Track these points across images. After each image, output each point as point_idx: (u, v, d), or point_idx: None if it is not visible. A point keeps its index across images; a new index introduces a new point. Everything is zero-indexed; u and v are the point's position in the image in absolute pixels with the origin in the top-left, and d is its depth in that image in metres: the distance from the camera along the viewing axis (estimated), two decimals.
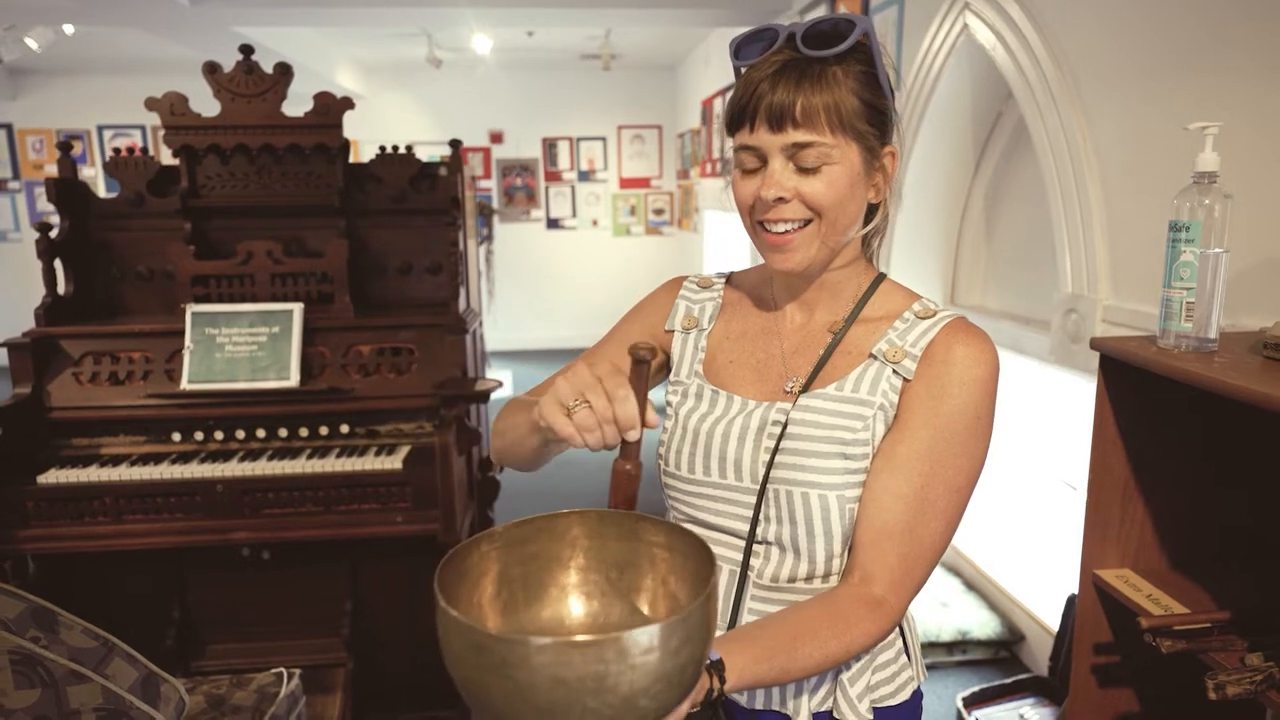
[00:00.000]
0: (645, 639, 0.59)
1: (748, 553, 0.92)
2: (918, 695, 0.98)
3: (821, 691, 0.93)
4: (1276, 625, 1.20)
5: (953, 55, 2.77)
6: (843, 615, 0.83)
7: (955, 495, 0.87)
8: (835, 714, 0.92)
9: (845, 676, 0.92)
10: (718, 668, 0.75)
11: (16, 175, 7.72)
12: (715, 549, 0.94)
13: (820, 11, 3.88)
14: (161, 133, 2.33)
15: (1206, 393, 1.14)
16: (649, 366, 0.77)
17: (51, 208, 8.13)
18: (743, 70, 0.90)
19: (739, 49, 0.90)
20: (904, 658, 0.96)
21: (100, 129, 7.69)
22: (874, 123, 0.88)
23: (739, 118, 0.89)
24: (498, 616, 0.75)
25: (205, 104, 2.35)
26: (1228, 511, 1.43)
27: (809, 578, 0.91)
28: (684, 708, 0.70)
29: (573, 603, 0.79)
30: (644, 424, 0.76)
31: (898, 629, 0.97)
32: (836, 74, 0.85)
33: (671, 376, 1.04)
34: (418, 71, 7.40)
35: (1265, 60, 1.61)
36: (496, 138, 8.04)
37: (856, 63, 0.87)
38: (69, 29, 5.04)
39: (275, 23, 4.51)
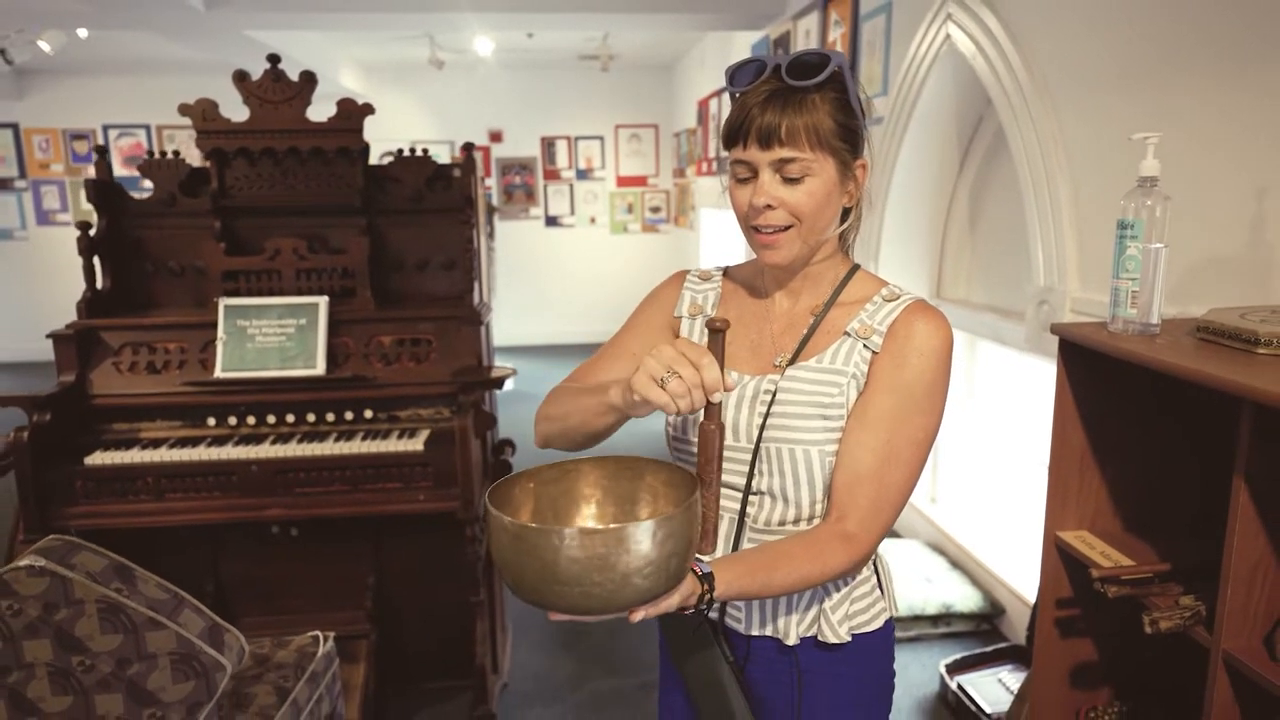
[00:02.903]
0: (639, 531, 0.82)
1: (744, 502, 1.09)
2: (889, 624, 1.16)
3: (808, 618, 1.10)
4: (1209, 574, 1.36)
5: (937, 63, 2.94)
6: (818, 545, 1.00)
7: (916, 448, 1.04)
8: (820, 637, 1.09)
9: (828, 605, 1.09)
10: (708, 578, 0.92)
11: (23, 174, 7.85)
12: None
13: (813, 17, 4.04)
14: (166, 132, 2.47)
15: (1154, 372, 1.30)
16: (724, 337, 0.93)
17: (58, 205, 8.23)
18: (736, 95, 1.06)
19: (733, 77, 1.06)
20: (877, 592, 1.14)
21: (105, 128, 7.82)
22: (847, 140, 1.04)
23: (734, 136, 1.05)
24: None
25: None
26: (1175, 479, 1.60)
27: (796, 520, 1.08)
28: (674, 599, 0.89)
29: (588, 525, 0.99)
30: (725, 387, 0.92)
31: (872, 568, 1.14)
32: (815, 100, 1.01)
33: None
34: (419, 72, 7.54)
35: (1210, 76, 1.78)
36: (496, 137, 8.19)
37: (832, 90, 1.02)
38: (83, 33, 5.16)
39: (285, 26, 4.65)
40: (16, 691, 1.37)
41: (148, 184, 2.55)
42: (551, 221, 8.41)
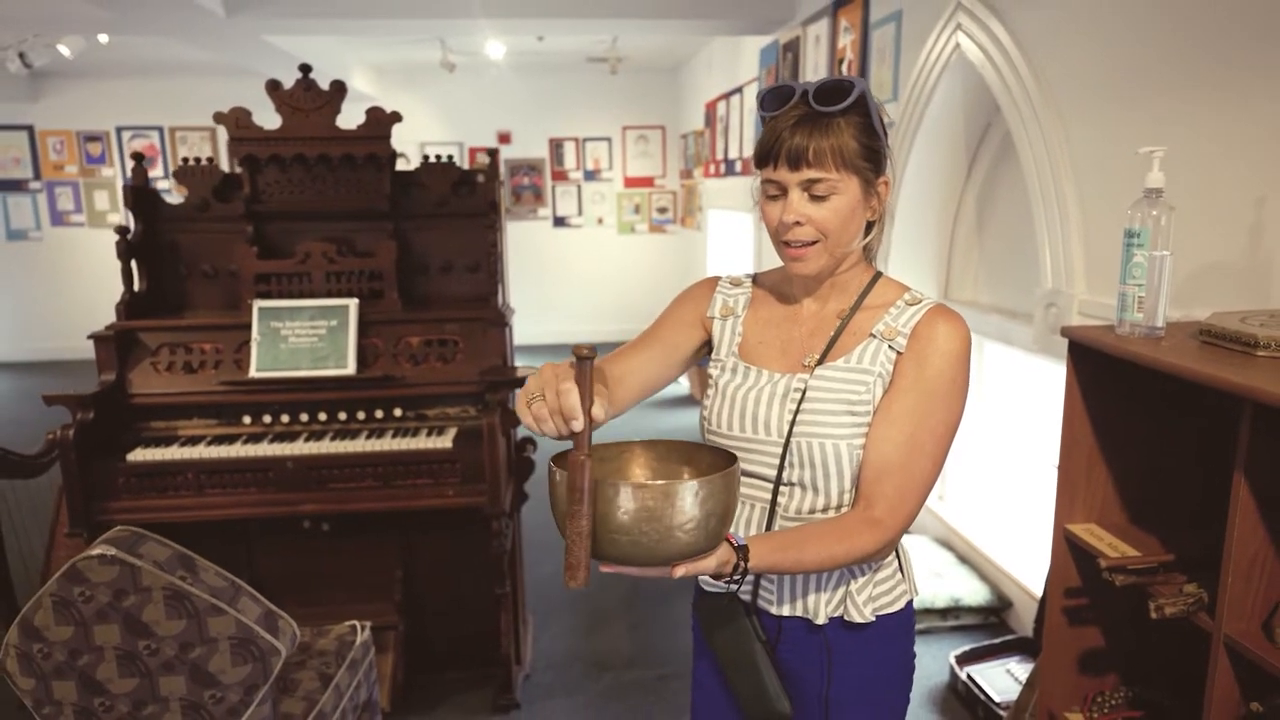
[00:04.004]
0: (682, 489, 0.92)
1: (775, 492, 1.18)
2: (909, 605, 1.25)
3: (835, 598, 1.19)
4: (1210, 564, 1.44)
5: (946, 70, 3.01)
6: (847, 528, 1.09)
7: (938, 441, 1.12)
8: (846, 616, 1.18)
9: (853, 587, 1.18)
10: (743, 550, 1.01)
11: (38, 175, 7.94)
12: (749, 490, 1.20)
13: (822, 24, 4.12)
14: (178, 133, 2.55)
15: (1159, 372, 1.38)
16: (591, 364, 0.91)
17: (71, 206, 8.31)
18: (767, 118, 1.14)
19: (764, 101, 1.15)
20: (899, 575, 1.23)
21: (119, 130, 7.91)
22: (870, 160, 1.12)
23: (765, 157, 1.13)
24: None
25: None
26: (1178, 474, 1.67)
27: (825, 509, 1.17)
28: (711, 561, 0.97)
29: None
30: (589, 417, 0.91)
31: (895, 555, 1.23)
32: (840, 124, 1.10)
33: (713, 355, 1.29)
34: (429, 74, 7.61)
35: (1211, 87, 1.86)
36: (505, 138, 8.28)
37: (856, 114, 1.11)
38: (103, 38, 5.25)
39: (303, 32, 4.74)
40: (86, 673, 1.46)
41: (160, 185, 2.63)
42: (559, 222, 8.49)
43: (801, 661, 1.22)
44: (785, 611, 1.20)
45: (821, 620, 1.18)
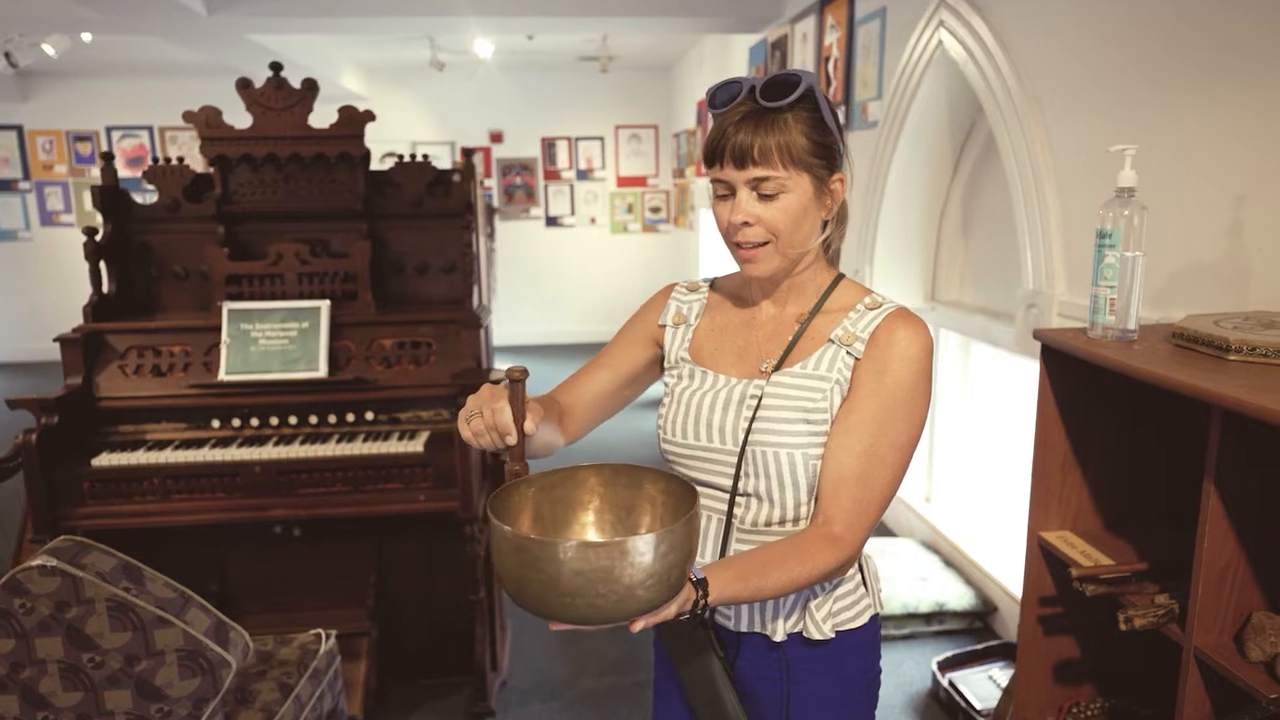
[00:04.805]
0: (642, 544, 0.83)
1: (731, 503, 1.13)
2: (874, 620, 1.20)
3: (794, 616, 1.14)
4: (1186, 572, 1.40)
5: (930, 68, 2.98)
6: (806, 547, 1.04)
7: (898, 451, 1.08)
8: (804, 634, 1.14)
9: (813, 604, 1.14)
10: (702, 585, 0.96)
11: (27, 175, 7.89)
12: (705, 501, 1.16)
13: (809, 21, 4.08)
14: (168, 133, 2.51)
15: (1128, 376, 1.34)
16: (522, 385, 0.97)
17: (61, 206, 8.25)
18: (715, 116, 1.10)
19: (713, 98, 1.11)
20: (862, 589, 1.18)
21: (109, 130, 7.86)
22: (821, 156, 1.08)
23: (712, 156, 1.09)
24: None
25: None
26: (1155, 478, 1.64)
27: (782, 522, 1.12)
28: (672, 608, 0.92)
29: (590, 535, 1.01)
30: (521, 432, 0.98)
31: (857, 568, 1.18)
32: (788, 119, 1.05)
33: (666, 365, 1.25)
34: (419, 73, 7.58)
35: (1192, 88, 1.82)
36: (496, 138, 8.23)
37: (804, 109, 1.07)
38: (87, 37, 5.21)
39: (286, 30, 4.70)
40: (29, 687, 1.42)
41: (151, 186, 2.60)
42: (552, 222, 8.45)
43: (761, 677, 1.18)
44: (743, 629, 1.16)
45: (780, 638, 1.14)
